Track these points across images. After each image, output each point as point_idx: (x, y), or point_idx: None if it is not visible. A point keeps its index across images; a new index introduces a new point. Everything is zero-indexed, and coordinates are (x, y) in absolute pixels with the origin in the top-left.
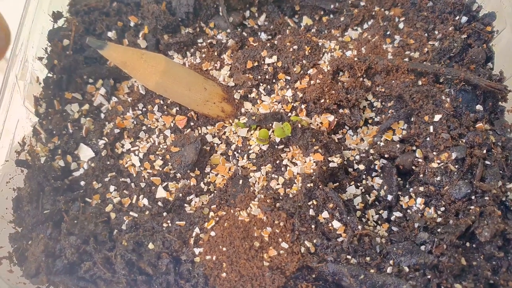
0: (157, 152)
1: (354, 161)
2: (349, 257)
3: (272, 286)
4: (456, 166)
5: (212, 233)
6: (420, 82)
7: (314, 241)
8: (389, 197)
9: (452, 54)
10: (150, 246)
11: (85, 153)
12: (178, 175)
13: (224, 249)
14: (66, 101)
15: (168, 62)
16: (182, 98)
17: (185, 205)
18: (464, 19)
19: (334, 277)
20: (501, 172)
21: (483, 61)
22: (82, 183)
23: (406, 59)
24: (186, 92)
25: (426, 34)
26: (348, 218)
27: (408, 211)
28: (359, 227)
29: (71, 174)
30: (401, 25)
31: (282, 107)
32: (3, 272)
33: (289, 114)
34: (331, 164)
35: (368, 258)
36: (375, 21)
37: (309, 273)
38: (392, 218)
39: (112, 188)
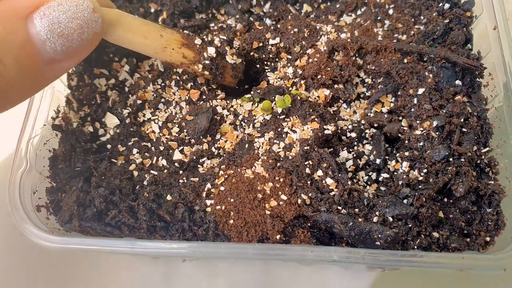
0: (174, 121)
1: (347, 130)
2: (339, 208)
3: (273, 231)
4: (437, 133)
5: (222, 188)
6: (406, 60)
7: (310, 194)
8: (378, 161)
9: (435, 36)
10: (168, 197)
11: (111, 120)
12: (192, 140)
13: (232, 200)
14: (95, 76)
15: (121, 14)
16: (140, 47)
17: (198, 166)
18: (447, 5)
19: (326, 225)
20: (476, 138)
21: (463, 43)
22: (109, 146)
23: (394, 41)
24: (142, 40)
25: (412, 19)
26: (340, 175)
27: (395, 173)
28: (349, 183)
29: (99, 138)
30: (390, 11)
31: (283, 82)
32: (42, 219)
33: (290, 88)
34: (326, 132)
35: (356, 210)
36: (367, 8)
37: (305, 221)
38: (380, 179)
39: (135, 150)
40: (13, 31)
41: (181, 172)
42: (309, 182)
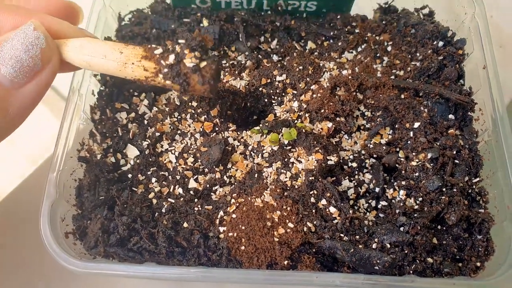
0: (189, 151)
1: (349, 160)
2: (342, 235)
3: (281, 256)
4: (431, 164)
5: (233, 215)
6: (402, 96)
7: (315, 222)
8: (377, 189)
9: (430, 72)
10: (185, 225)
11: (132, 151)
12: (206, 170)
13: (243, 227)
14: (116, 110)
15: (85, 40)
16: (102, 67)
17: (212, 193)
18: (441, 43)
19: (330, 251)
20: (467, 169)
21: (456, 79)
22: (129, 175)
23: (392, 77)
24: (103, 61)
25: (409, 56)
26: (342, 204)
27: (393, 200)
28: (351, 211)
29: (120, 168)
30: (389, 48)
31: (290, 115)
32: (70, 244)
33: (296, 121)
34: (329, 162)
35: (357, 237)
36: (367, 45)
37: (310, 247)
38: (379, 206)
39: (153, 179)
40: None
41: (196, 200)
42: (314, 211)
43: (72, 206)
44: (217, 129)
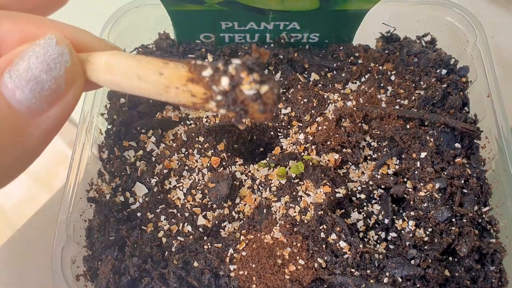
0: (197, 187)
1: (357, 191)
2: (353, 270)
3: None
4: (439, 194)
5: (243, 253)
6: (408, 126)
7: (325, 258)
8: (386, 221)
9: (434, 101)
10: (195, 264)
11: (140, 190)
12: (214, 205)
13: (253, 265)
14: (124, 148)
15: (113, 54)
16: (136, 91)
17: (221, 230)
18: (444, 71)
19: (341, 287)
20: (476, 198)
21: (460, 106)
22: (139, 214)
23: (397, 107)
24: (137, 83)
25: (413, 85)
26: (352, 239)
27: (402, 232)
28: (361, 246)
29: (129, 207)
30: (392, 78)
31: (296, 148)
32: (81, 287)
33: (302, 153)
34: (337, 195)
35: (368, 271)
36: (370, 75)
37: (322, 283)
38: (389, 238)
39: (162, 217)
40: None
41: (205, 237)
42: (324, 246)
43: (83, 248)
44: (224, 163)
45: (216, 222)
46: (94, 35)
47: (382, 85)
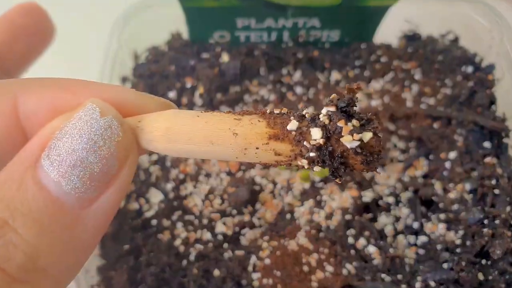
0: (215, 193)
1: (384, 195)
2: (383, 275)
3: None
4: (470, 196)
5: (267, 261)
6: (435, 125)
7: (354, 263)
8: (415, 224)
9: (461, 99)
10: (216, 272)
11: (155, 196)
12: (234, 211)
13: (278, 273)
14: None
15: (174, 117)
16: (209, 156)
17: (241, 237)
18: (470, 69)
19: None
20: (508, 199)
21: (488, 105)
22: (154, 221)
23: (423, 106)
24: (209, 149)
25: (438, 83)
26: (381, 243)
27: (432, 235)
28: (391, 250)
29: (144, 214)
30: (417, 76)
31: None
32: None
33: None
34: (364, 199)
35: (399, 276)
36: (394, 74)
37: None
38: (419, 242)
39: (179, 225)
40: (21, 186)
41: (225, 245)
42: (352, 251)
43: (97, 257)
44: (243, 168)
45: (237, 228)
46: (138, 92)
47: (406, 84)
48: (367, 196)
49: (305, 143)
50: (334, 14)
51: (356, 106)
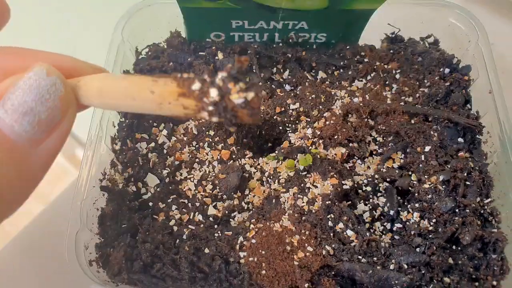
0: (208, 179)
1: (363, 184)
2: (360, 257)
3: (301, 280)
4: (443, 186)
5: (253, 241)
6: (413, 121)
7: (333, 245)
8: (391, 212)
9: (438, 98)
10: (206, 250)
11: (152, 180)
12: (224, 196)
13: (263, 252)
14: (136, 140)
15: (104, 78)
16: (130, 109)
17: (231, 220)
18: (447, 70)
19: (349, 273)
20: (478, 190)
21: (463, 103)
22: (150, 203)
23: (402, 103)
24: (131, 103)
25: (417, 83)
26: (359, 227)
27: (407, 223)
28: (368, 234)
29: (141, 197)
30: (397, 76)
31: (304, 142)
32: (94, 272)
33: (310, 147)
34: (344, 187)
35: (375, 258)
36: (376, 73)
37: (330, 270)
38: (394, 228)
39: (174, 207)
40: None
41: (215, 226)
42: (332, 234)
43: (95, 235)
44: (234, 156)
45: (226, 212)
46: (78, 59)
47: (387, 82)
48: (347, 184)
49: (205, 99)
50: (321, 17)
51: (243, 74)
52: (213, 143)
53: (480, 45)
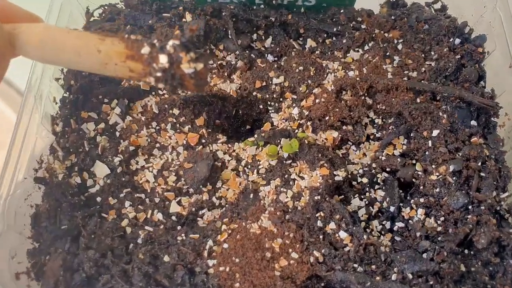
0: (171, 169)
1: (358, 175)
2: (355, 265)
3: None
4: (454, 178)
5: (225, 245)
6: (418, 100)
7: (322, 251)
8: (392, 209)
9: (447, 73)
10: (166, 258)
11: (101, 170)
12: (191, 190)
13: (237, 260)
14: (82, 120)
15: (46, 29)
16: (76, 65)
17: (198, 219)
18: (458, 41)
19: (342, 285)
20: (495, 183)
21: (476, 80)
22: (98, 199)
23: (405, 78)
24: (76, 59)
25: (423, 55)
26: (354, 228)
27: (410, 221)
28: (365, 237)
29: (87, 190)
30: (399, 47)
31: (289, 124)
32: (21, 286)
33: (296, 131)
34: (336, 178)
35: (373, 266)
36: (375, 43)
37: (318, 281)
38: (395, 228)
39: (127, 203)
40: None
41: (179, 227)
42: (321, 237)
43: (27, 239)
44: (203, 141)
45: (193, 209)
46: (14, 4)
47: (388, 54)
48: (340, 175)
49: (154, 65)
50: None
51: (194, 44)
52: (177, 124)
53: (498, 10)
